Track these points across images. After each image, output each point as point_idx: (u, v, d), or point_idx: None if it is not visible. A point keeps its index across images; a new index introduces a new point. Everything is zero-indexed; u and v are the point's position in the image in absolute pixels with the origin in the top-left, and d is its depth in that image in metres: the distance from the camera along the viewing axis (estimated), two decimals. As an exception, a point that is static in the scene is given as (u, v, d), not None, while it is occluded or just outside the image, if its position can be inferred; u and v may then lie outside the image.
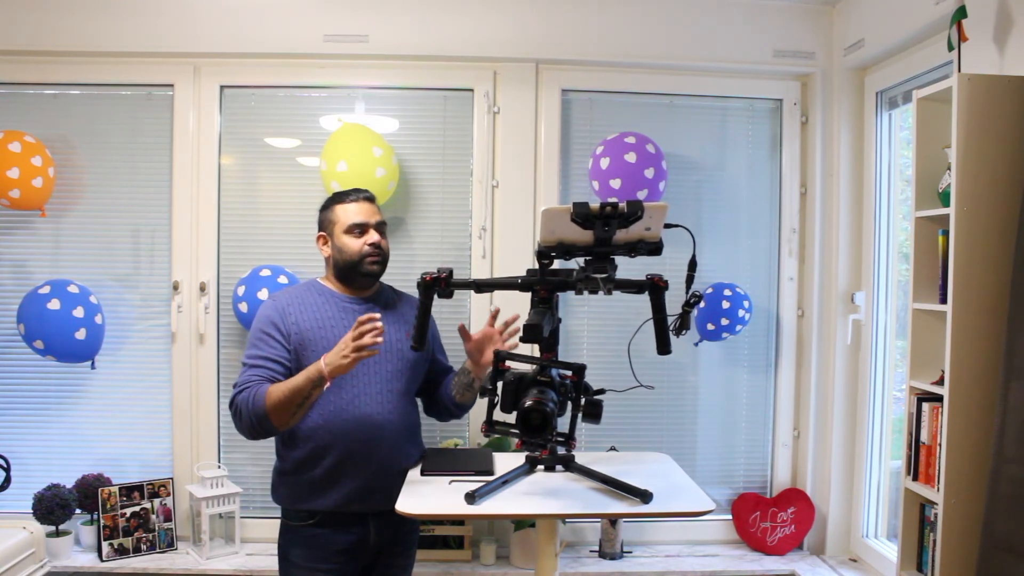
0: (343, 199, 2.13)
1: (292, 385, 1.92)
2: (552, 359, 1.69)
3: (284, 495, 2.08)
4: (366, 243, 2.08)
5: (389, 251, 2.16)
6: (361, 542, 2.06)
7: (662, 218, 1.61)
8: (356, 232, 2.09)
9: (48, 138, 2.80)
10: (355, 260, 2.08)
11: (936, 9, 2.37)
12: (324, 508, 2.02)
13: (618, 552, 2.88)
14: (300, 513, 2.05)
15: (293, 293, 2.12)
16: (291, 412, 1.94)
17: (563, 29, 2.90)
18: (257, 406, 1.93)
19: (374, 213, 2.13)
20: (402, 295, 2.27)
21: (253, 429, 1.97)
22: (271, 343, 2.02)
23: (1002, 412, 1.89)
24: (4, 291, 2.90)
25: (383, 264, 2.13)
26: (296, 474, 2.04)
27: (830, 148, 2.98)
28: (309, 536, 2.04)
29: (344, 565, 2.06)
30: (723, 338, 2.90)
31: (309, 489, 2.03)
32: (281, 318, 2.04)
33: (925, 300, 2.21)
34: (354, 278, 2.11)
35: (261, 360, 2.01)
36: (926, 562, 2.20)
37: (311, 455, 2.02)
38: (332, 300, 2.11)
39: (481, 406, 2.11)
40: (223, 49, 2.86)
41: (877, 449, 2.93)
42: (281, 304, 2.08)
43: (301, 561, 2.04)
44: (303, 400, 1.92)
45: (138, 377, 2.94)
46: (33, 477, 2.84)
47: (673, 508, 1.71)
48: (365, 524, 2.06)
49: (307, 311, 2.07)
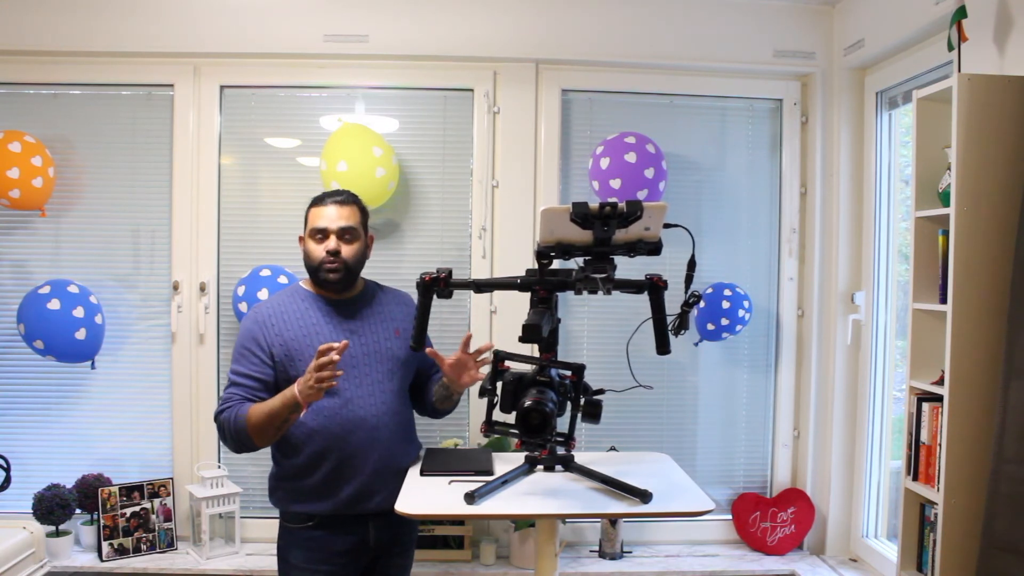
0: (317, 202, 2.09)
1: (270, 409, 1.92)
2: (551, 359, 1.69)
3: (282, 498, 2.07)
4: (324, 250, 2.04)
5: (357, 257, 2.08)
6: (361, 543, 2.06)
7: (661, 218, 1.61)
8: (318, 237, 2.05)
9: (48, 138, 2.80)
10: (314, 266, 2.05)
11: (936, 9, 2.37)
12: (323, 511, 2.02)
13: (618, 552, 2.88)
14: (299, 516, 2.04)
15: (275, 303, 2.09)
16: (270, 434, 1.94)
17: (563, 29, 2.90)
18: (239, 427, 1.94)
19: (340, 218, 2.05)
20: (388, 291, 2.23)
21: (237, 446, 1.99)
22: (252, 359, 2.01)
23: (1002, 412, 1.89)
24: (4, 291, 2.91)
25: (342, 272, 2.04)
26: (294, 479, 2.04)
27: (830, 148, 2.98)
28: (308, 538, 2.03)
29: (344, 566, 2.05)
30: (723, 338, 2.90)
31: (307, 493, 2.02)
32: (263, 332, 2.02)
33: (925, 300, 2.21)
34: (320, 283, 2.08)
35: (242, 377, 2.01)
36: (926, 562, 2.20)
37: (308, 461, 2.01)
38: (315, 305, 2.08)
39: (481, 406, 2.11)
40: (223, 49, 2.86)
41: (877, 449, 2.92)
42: (263, 316, 2.05)
43: (301, 563, 2.04)
44: (281, 423, 1.92)
45: (138, 377, 2.94)
46: (33, 477, 2.84)
47: (673, 508, 1.71)
48: (364, 525, 2.05)
49: (291, 321, 2.04)
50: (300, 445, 2.01)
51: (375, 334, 2.09)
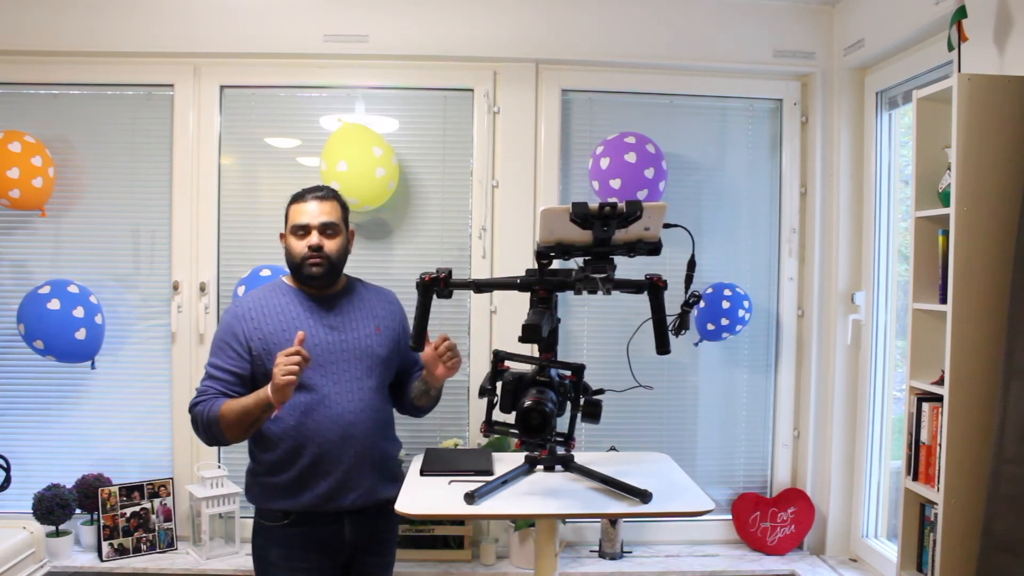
0: (298, 198, 2.09)
1: (243, 407, 1.92)
2: (551, 359, 1.69)
3: (257, 495, 2.07)
4: (307, 245, 2.04)
5: (340, 252, 2.08)
6: (337, 539, 2.06)
7: (661, 218, 1.61)
8: (299, 233, 2.05)
9: (48, 138, 2.80)
10: (297, 262, 2.05)
11: (936, 9, 2.37)
12: (298, 508, 2.02)
13: (618, 552, 2.88)
14: (275, 513, 2.04)
15: (256, 297, 2.09)
16: (243, 430, 1.95)
17: (563, 29, 2.90)
18: (212, 422, 1.94)
19: (322, 214, 2.05)
20: (371, 288, 2.22)
21: (209, 439, 2.00)
22: (229, 353, 2.02)
23: (1002, 412, 1.89)
24: (4, 291, 2.91)
25: (326, 267, 2.04)
26: (270, 475, 2.04)
27: (830, 148, 2.98)
28: (284, 536, 2.03)
29: (321, 563, 2.05)
30: (723, 338, 2.90)
31: (283, 490, 2.02)
32: (242, 326, 2.03)
33: (925, 300, 2.21)
34: (303, 279, 2.08)
35: (219, 371, 2.01)
36: (926, 562, 2.19)
37: (284, 457, 2.01)
38: (296, 300, 2.08)
39: (481, 406, 2.11)
40: (223, 49, 2.86)
41: (877, 449, 2.92)
42: (243, 310, 2.05)
43: (278, 560, 2.04)
44: (254, 421, 1.93)
45: (138, 377, 2.94)
46: (33, 477, 2.84)
47: (673, 508, 1.71)
48: (340, 522, 2.05)
49: (270, 315, 2.04)
50: (276, 441, 2.01)
51: (355, 331, 2.09)
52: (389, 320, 2.17)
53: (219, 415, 1.94)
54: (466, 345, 2.97)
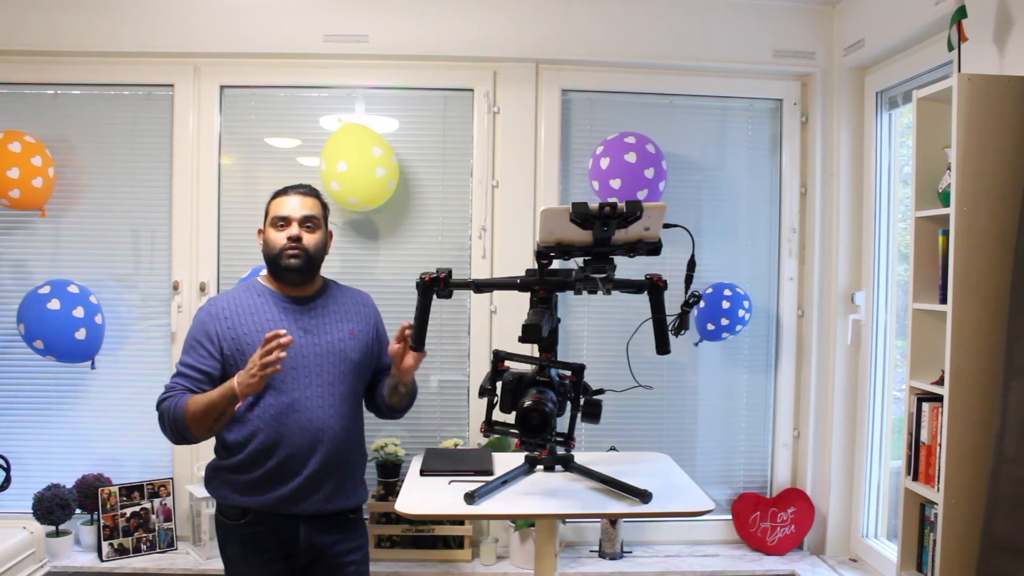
0: (280, 193, 2.11)
1: (208, 400, 1.92)
2: (551, 359, 1.69)
3: (217, 487, 2.07)
4: (286, 236, 2.04)
5: (318, 248, 2.08)
6: (292, 543, 2.05)
7: (661, 218, 1.60)
8: (279, 225, 2.05)
9: (48, 138, 2.80)
10: (275, 254, 2.05)
11: (936, 9, 2.37)
12: (255, 507, 2.01)
13: (618, 552, 2.88)
14: (234, 510, 2.04)
15: (231, 296, 2.09)
16: (208, 426, 1.95)
17: (563, 29, 2.90)
18: (177, 417, 1.94)
19: (303, 207, 2.06)
20: (348, 291, 2.21)
21: (175, 436, 1.99)
22: (201, 351, 2.01)
23: (1002, 412, 1.89)
24: (4, 291, 2.91)
25: (304, 259, 2.04)
26: (234, 472, 2.03)
27: (830, 148, 2.98)
28: (242, 534, 2.04)
29: (280, 561, 2.05)
30: (723, 338, 2.90)
31: (244, 487, 2.02)
32: (215, 325, 2.02)
33: (925, 300, 2.21)
34: (280, 273, 2.07)
35: (189, 369, 2.01)
36: (926, 562, 2.20)
37: (249, 459, 2.01)
38: (271, 301, 2.07)
39: (481, 406, 2.11)
40: (223, 49, 2.86)
41: (877, 449, 2.92)
42: (217, 309, 2.05)
43: (237, 556, 2.05)
44: (219, 415, 1.93)
45: (138, 377, 2.93)
46: (33, 477, 2.84)
47: (673, 508, 1.71)
48: (296, 527, 2.04)
49: (244, 315, 2.04)
50: (244, 442, 2.01)
51: (329, 335, 2.08)
52: (363, 324, 2.15)
53: (185, 409, 1.93)
54: (466, 345, 2.97)
